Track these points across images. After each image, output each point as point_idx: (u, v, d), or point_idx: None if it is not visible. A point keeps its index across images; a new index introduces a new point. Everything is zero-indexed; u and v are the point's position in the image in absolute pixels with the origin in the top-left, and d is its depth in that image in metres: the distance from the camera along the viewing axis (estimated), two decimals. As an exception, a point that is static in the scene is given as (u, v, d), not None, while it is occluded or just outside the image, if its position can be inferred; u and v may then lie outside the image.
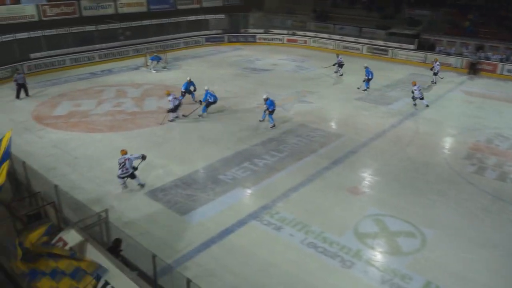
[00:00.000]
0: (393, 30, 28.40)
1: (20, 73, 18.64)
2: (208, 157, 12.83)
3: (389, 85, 21.25)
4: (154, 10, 29.28)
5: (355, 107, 17.73)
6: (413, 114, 16.90)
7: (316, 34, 30.89)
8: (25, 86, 18.45)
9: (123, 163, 10.63)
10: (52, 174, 11.21)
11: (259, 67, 24.46)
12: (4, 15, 22.27)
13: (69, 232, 6.79)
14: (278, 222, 9.64)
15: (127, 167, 10.65)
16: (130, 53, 26.49)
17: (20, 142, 13.64)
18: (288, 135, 14.64)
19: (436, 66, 21.51)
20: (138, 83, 20.80)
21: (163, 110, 16.76)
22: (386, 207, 10.36)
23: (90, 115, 16.31)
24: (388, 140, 14.46)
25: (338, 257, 8.53)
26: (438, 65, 21.64)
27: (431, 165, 12.66)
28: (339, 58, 22.67)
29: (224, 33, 31.96)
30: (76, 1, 25.18)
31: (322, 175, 11.91)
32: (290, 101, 18.36)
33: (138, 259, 7.21)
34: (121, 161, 10.66)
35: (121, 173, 10.72)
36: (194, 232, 9.27)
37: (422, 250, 8.82)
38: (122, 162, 10.65)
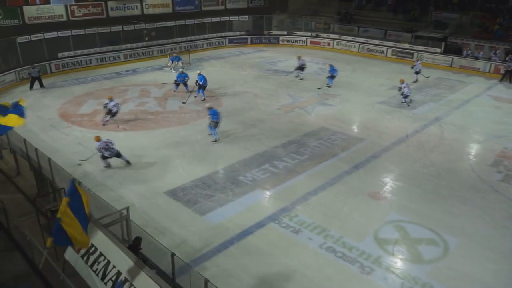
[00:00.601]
0: (419, 33, 27.92)
1: (34, 68, 19.73)
2: (228, 158, 12.87)
3: (413, 89, 20.84)
4: (179, 11, 29.63)
5: (378, 111, 17.50)
6: (437, 119, 16.56)
7: (340, 36, 30.63)
8: (40, 79, 19.74)
9: (106, 146, 11.57)
10: (76, 171, 11.46)
11: (281, 69, 24.41)
12: (34, 15, 22.94)
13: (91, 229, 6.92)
14: (296, 225, 9.59)
15: (112, 147, 11.65)
16: (154, 54, 26.86)
17: (47, 139, 14.01)
18: (309, 137, 14.55)
19: (417, 65, 22.01)
20: (161, 83, 21.04)
21: (185, 110, 16.95)
22: (407, 213, 10.17)
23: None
24: (411, 145, 14.20)
25: (357, 262, 8.42)
26: (419, 64, 22.20)
27: (456, 171, 12.36)
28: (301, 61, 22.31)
29: (247, 34, 32.04)
30: (104, 2, 25.70)
31: (342, 179, 11.79)
32: (312, 103, 18.25)
33: (157, 258, 7.29)
34: (103, 146, 11.54)
35: (109, 154, 11.69)
36: (213, 232, 9.31)
37: (444, 258, 8.62)
38: (105, 146, 11.55)
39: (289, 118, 16.43)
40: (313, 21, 32.98)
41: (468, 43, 25.77)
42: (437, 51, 26.03)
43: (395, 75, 23.47)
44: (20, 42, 21.40)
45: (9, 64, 21.15)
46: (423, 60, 26.23)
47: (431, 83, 22.10)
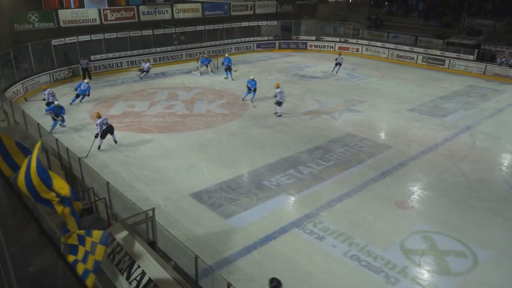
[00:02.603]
0: (451, 39, 27.30)
1: (84, 59, 21.42)
2: (253, 162, 12.89)
3: (444, 96, 20.42)
4: (209, 16, 30.00)
5: (406, 118, 17.18)
6: (469, 128, 16.13)
7: (369, 42, 30.31)
8: (88, 71, 21.05)
9: (106, 122, 13.54)
10: (105, 171, 11.71)
11: (309, 74, 24.34)
12: (69, 18, 23.67)
13: (117, 228, 7.05)
14: (321, 231, 9.50)
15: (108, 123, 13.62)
16: (183, 57, 27.26)
17: (78, 139, 14.41)
18: (335, 144, 14.42)
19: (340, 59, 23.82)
20: (189, 87, 21.33)
21: (212, 114, 17.10)
22: (435, 223, 9.92)
23: (143, 116, 16.91)
24: (440, 154, 13.87)
25: (383, 272, 8.26)
26: (342, 59, 24.01)
27: (487, 182, 11.99)
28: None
29: (275, 39, 32.12)
30: (136, 6, 26.29)
31: (368, 186, 11.62)
32: (339, 109, 18.10)
33: (181, 259, 7.35)
34: (105, 121, 13.52)
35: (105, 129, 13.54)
36: (237, 236, 9.33)
37: (473, 271, 8.35)
38: (106, 121, 13.54)
39: (315, 123, 16.33)
40: (342, 27, 32.77)
41: (502, 50, 25.04)
42: (470, 58, 25.38)
43: (426, 82, 23.11)
44: (55, 45, 22.11)
45: (44, 66, 21.87)
46: (455, 68, 25.69)
47: (462, 90, 21.56)
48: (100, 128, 13.42)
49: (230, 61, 22.74)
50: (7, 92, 17.70)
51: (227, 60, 22.75)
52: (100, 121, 13.46)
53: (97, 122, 13.48)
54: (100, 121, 13.46)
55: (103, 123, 13.49)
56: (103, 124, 13.49)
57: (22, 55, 20.69)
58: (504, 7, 27.64)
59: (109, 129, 13.74)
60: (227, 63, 22.63)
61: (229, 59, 22.85)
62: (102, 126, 13.46)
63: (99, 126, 13.38)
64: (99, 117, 13.53)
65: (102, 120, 13.50)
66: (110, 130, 13.79)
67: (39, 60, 21.89)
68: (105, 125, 13.51)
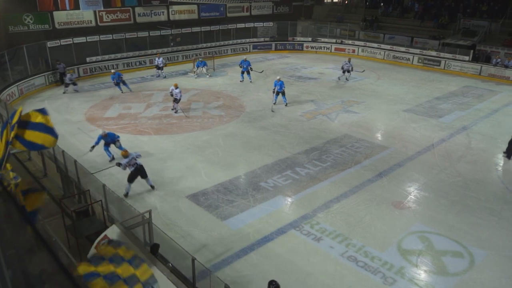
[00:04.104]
0: (447, 40, 27.41)
1: (60, 64, 21.12)
2: (250, 164, 12.87)
3: (440, 97, 20.49)
4: (205, 17, 29.99)
5: (403, 119, 17.22)
6: (465, 128, 16.18)
7: (365, 43, 30.39)
8: (66, 75, 20.50)
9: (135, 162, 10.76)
10: (101, 174, 11.67)
11: (305, 75, 24.36)
12: (64, 20, 23.59)
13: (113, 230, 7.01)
14: (318, 232, 9.49)
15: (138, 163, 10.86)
16: (179, 59, 27.22)
17: (73, 141, 14.34)
18: (332, 145, 14.43)
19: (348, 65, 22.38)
20: (185, 88, 21.26)
21: (208, 115, 17.08)
22: (432, 224, 9.93)
23: (139, 117, 16.86)
24: (437, 154, 13.90)
25: (380, 273, 8.26)
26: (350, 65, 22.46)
27: (484, 182, 12.02)
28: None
29: (271, 40, 32.14)
30: (131, 8, 26.24)
31: (365, 187, 11.62)
32: (335, 110, 18.11)
33: (178, 261, 7.32)
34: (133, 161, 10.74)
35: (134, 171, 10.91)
36: (234, 237, 9.30)
37: (470, 271, 8.36)
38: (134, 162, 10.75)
39: (312, 124, 16.34)
40: (338, 28, 32.82)
41: (498, 51, 25.15)
42: (465, 59, 25.49)
43: (422, 82, 23.19)
44: (50, 47, 22.03)
45: (39, 68, 21.78)
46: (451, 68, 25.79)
47: (458, 91, 21.64)
48: (124, 168, 10.77)
49: (249, 63, 22.32)
50: (2, 94, 17.62)
51: (246, 62, 22.22)
52: (126, 161, 10.64)
53: (123, 162, 10.67)
54: (126, 161, 10.64)
55: (130, 163, 10.66)
56: (131, 166, 10.69)
57: (17, 57, 20.61)
58: (499, 8, 27.77)
59: (139, 171, 10.83)
60: (246, 66, 22.15)
61: (248, 61, 22.35)
62: (129, 168, 10.72)
63: (123, 167, 10.71)
64: (125, 156, 10.71)
65: (129, 160, 10.64)
66: (141, 172, 10.87)
67: (34, 62, 21.80)
68: (133, 167, 10.67)
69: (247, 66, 22.22)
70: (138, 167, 10.74)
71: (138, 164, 10.73)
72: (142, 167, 10.83)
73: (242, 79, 22.59)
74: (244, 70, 22.30)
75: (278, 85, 18.15)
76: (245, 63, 22.29)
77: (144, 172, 10.89)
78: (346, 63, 22.53)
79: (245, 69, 22.24)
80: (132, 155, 10.73)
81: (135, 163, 10.69)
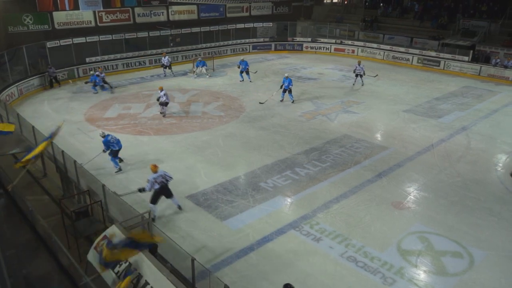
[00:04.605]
0: (447, 40, 27.43)
1: (51, 67, 20.93)
2: (250, 164, 12.87)
3: (439, 97, 20.50)
4: (204, 17, 30.00)
5: (402, 119, 17.23)
6: (464, 128, 16.19)
7: (364, 43, 30.41)
8: (56, 78, 21.07)
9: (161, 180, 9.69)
10: (100, 174, 11.66)
11: (305, 76, 24.36)
12: (64, 20, 23.60)
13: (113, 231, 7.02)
14: (317, 233, 9.49)
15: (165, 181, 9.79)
16: (179, 59, 27.21)
17: (73, 142, 14.33)
18: (332, 145, 14.43)
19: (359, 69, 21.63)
20: (185, 89, 21.29)
21: (208, 116, 17.08)
22: (432, 224, 9.94)
23: (138, 118, 16.86)
24: (436, 154, 13.91)
25: (379, 273, 8.26)
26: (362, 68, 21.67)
27: (483, 183, 12.03)
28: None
29: (271, 41, 32.16)
30: (131, 8, 26.24)
31: (365, 187, 11.62)
32: (335, 111, 18.12)
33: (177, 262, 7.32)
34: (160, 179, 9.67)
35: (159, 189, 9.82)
36: (233, 238, 9.30)
37: (470, 271, 8.36)
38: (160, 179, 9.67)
39: (312, 125, 16.34)
40: (338, 28, 32.85)
41: (497, 51, 25.18)
42: (465, 59, 25.52)
43: (421, 83, 23.21)
44: (50, 47, 22.02)
45: (39, 69, 21.78)
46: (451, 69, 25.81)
47: (458, 91, 21.65)
48: (151, 187, 9.62)
49: (247, 63, 22.59)
50: (1, 94, 17.61)
51: (244, 63, 22.47)
52: (153, 177, 9.56)
53: (149, 177, 9.59)
54: (153, 177, 9.57)
55: (157, 181, 9.59)
56: (157, 183, 9.63)
57: (17, 58, 20.60)
58: (498, 8, 27.80)
59: (164, 190, 9.81)
60: (245, 66, 22.42)
61: (246, 62, 22.61)
62: (155, 185, 9.62)
63: (151, 183, 9.56)
64: (155, 172, 9.63)
65: (156, 177, 9.58)
66: (166, 191, 9.87)
67: (34, 62, 21.80)
68: (159, 185, 9.63)
69: (245, 66, 22.32)
70: (164, 186, 9.74)
71: (164, 183, 9.72)
72: (167, 186, 9.84)
73: (242, 79, 22.67)
74: (243, 70, 22.43)
75: (287, 82, 18.65)
76: (243, 63, 22.43)
77: (169, 191, 9.93)
78: (357, 67, 21.74)
79: (244, 69, 22.37)
80: (161, 172, 9.68)
81: (161, 182, 9.64)
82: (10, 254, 3.55)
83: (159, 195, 9.79)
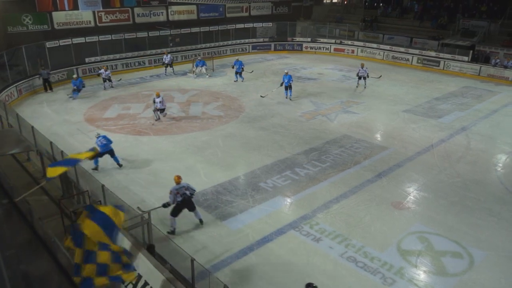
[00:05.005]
0: (446, 40, 27.43)
1: (44, 69, 20.44)
2: (250, 164, 12.86)
3: (439, 97, 20.50)
4: (204, 17, 29.99)
5: (402, 119, 17.22)
6: (464, 129, 16.19)
7: (364, 43, 30.40)
8: (48, 81, 20.36)
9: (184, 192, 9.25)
10: (100, 174, 11.65)
11: (304, 76, 24.35)
12: (63, 21, 23.58)
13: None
14: (317, 233, 9.48)
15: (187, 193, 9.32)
16: (178, 59, 27.17)
17: (72, 142, 14.32)
18: (331, 145, 14.42)
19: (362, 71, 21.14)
20: (184, 89, 21.28)
21: (208, 116, 17.07)
22: (432, 224, 9.93)
23: (138, 118, 16.84)
24: (436, 155, 13.90)
25: (379, 273, 8.25)
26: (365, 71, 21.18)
27: (483, 183, 12.02)
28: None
29: (271, 41, 32.15)
30: (130, 8, 26.22)
31: (365, 187, 11.62)
32: (335, 111, 18.11)
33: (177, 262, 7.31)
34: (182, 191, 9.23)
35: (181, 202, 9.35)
36: (233, 238, 9.29)
37: (470, 272, 8.36)
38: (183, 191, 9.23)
39: (312, 125, 16.33)
40: (338, 28, 32.85)
41: (497, 51, 25.18)
42: (465, 59, 25.52)
43: (421, 83, 23.21)
44: (49, 47, 21.99)
45: (38, 69, 21.74)
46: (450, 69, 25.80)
47: (458, 91, 21.66)
48: (174, 199, 9.15)
49: (242, 63, 22.63)
50: (1, 94, 17.58)
51: (238, 63, 22.50)
52: (175, 188, 9.11)
53: (172, 189, 9.13)
54: (175, 188, 9.11)
55: (179, 192, 9.14)
56: (180, 195, 9.16)
57: (16, 58, 20.56)
58: (498, 8, 27.81)
59: (187, 203, 9.34)
60: (239, 66, 22.43)
61: (240, 62, 22.67)
62: (177, 197, 9.15)
63: (173, 195, 9.10)
64: (178, 183, 9.21)
65: (178, 188, 9.12)
66: (189, 204, 9.39)
67: (33, 62, 21.77)
68: (181, 197, 9.15)
69: (240, 66, 22.41)
70: (186, 198, 9.24)
71: (187, 195, 9.22)
72: (191, 198, 9.35)
73: (236, 79, 22.73)
74: (238, 71, 22.50)
75: (286, 78, 18.86)
76: (237, 63, 22.53)
77: (192, 204, 9.43)
78: (361, 69, 21.20)
79: (238, 69, 22.43)
80: (184, 184, 9.24)
81: (184, 193, 9.17)
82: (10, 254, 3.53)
83: (181, 208, 9.31)
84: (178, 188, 9.11)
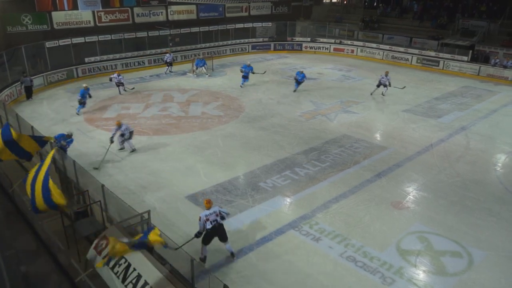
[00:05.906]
0: (446, 40, 27.45)
1: (26, 77, 19.22)
2: (249, 164, 12.87)
3: (439, 97, 20.52)
4: (204, 17, 29.98)
5: (402, 119, 17.23)
6: (463, 128, 16.20)
7: (364, 43, 30.41)
8: (30, 89, 19.22)
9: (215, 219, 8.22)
10: (100, 174, 11.65)
11: (304, 76, 24.31)
12: (62, 20, 23.56)
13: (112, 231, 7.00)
14: (317, 233, 9.49)
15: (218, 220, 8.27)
16: (178, 59, 27.16)
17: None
18: (331, 145, 14.43)
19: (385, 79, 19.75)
20: (184, 89, 21.27)
21: (207, 116, 17.07)
22: (431, 224, 9.94)
23: (138, 118, 16.84)
24: (436, 154, 13.91)
25: (379, 273, 8.26)
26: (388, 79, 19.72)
27: (482, 183, 12.03)
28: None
29: (270, 41, 32.16)
30: (130, 8, 26.21)
31: (364, 187, 11.62)
32: (334, 111, 18.12)
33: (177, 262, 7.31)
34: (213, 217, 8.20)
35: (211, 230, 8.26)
36: (232, 238, 9.26)
37: (469, 271, 8.37)
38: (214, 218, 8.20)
39: (311, 125, 16.34)
40: (337, 28, 32.85)
41: (496, 51, 25.21)
42: (464, 59, 25.53)
43: (421, 83, 23.22)
44: (49, 47, 21.98)
45: (37, 69, 21.75)
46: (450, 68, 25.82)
47: (457, 91, 21.67)
48: (203, 226, 8.12)
49: (252, 69, 21.38)
50: (0, 94, 17.57)
51: (249, 68, 21.28)
52: (205, 214, 8.13)
53: (201, 215, 8.15)
54: (204, 214, 8.13)
55: (209, 219, 8.12)
56: (210, 221, 8.12)
57: (15, 58, 20.55)
58: (498, 8, 27.83)
59: (218, 231, 8.28)
60: (248, 71, 21.19)
61: (251, 67, 21.43)
62: (206, 224, 8.10)
63: (202, 222, 8.11)
64: (208, 208, 8.21)
65: (208, 215, 8.13)
66: (220, 233, 8.34)
67: (33, 62, 21.76)
68: (212, 224, 8.11)
69: (249, 71, 21.23)
70: (216, 226, 8.19)
71: (218, 222, 8.20)
72: (222, 226, 8.31)
73: (242, 84, 21.52)
74: (245, 75, 21.27)
75: (300, 77, 20.32)
76: (248, 68, 21.29)
77: (224, 233, 8.38)
78: (383, 77, 19.90)
79: (246, 73, 21.24)
80: (215, 209, 8.24)
81: (215, 220, 8.16)
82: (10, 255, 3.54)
83: (211, 236, 8.28)
84: (208, 214, 8.12)
